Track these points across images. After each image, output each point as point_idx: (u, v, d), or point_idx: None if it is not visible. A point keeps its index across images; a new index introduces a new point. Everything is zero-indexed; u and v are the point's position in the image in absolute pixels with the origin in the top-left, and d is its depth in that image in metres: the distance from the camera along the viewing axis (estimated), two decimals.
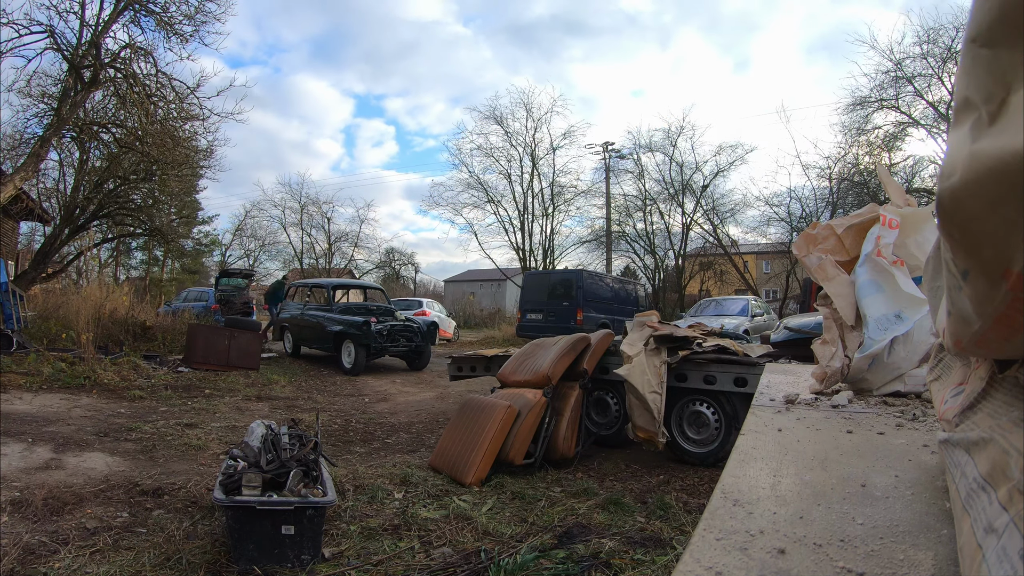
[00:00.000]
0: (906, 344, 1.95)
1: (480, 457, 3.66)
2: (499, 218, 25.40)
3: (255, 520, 2.40)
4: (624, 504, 3.30)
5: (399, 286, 35.76)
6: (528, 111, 24.75)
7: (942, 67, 17.18)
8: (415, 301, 19.11)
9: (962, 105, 0.46)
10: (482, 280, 39.03)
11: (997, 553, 0.44)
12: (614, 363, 4.52)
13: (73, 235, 15.16)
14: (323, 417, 5.87)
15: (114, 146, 13.27)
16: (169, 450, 4.29)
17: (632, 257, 26.50)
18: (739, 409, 4.14)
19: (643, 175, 24.43)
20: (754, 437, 1.36)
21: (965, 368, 0.83)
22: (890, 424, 1.50)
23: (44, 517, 2.81)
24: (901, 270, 2.05)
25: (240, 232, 32.83)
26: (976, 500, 0.53)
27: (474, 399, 4.26)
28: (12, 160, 12.51)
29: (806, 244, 2.30)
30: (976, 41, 0.43)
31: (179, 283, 28.57)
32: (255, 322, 10.41)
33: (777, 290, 26.66)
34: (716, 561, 0.70)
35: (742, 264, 24.94)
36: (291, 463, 2.70)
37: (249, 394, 7.12)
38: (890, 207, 2.19)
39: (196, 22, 11.63)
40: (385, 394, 7.86)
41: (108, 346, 9.09)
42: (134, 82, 11.30)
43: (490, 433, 3.75)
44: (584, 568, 2.40)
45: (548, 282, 14.57)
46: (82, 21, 11.02)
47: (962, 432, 0.70)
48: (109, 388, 6.65)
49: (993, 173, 0.38)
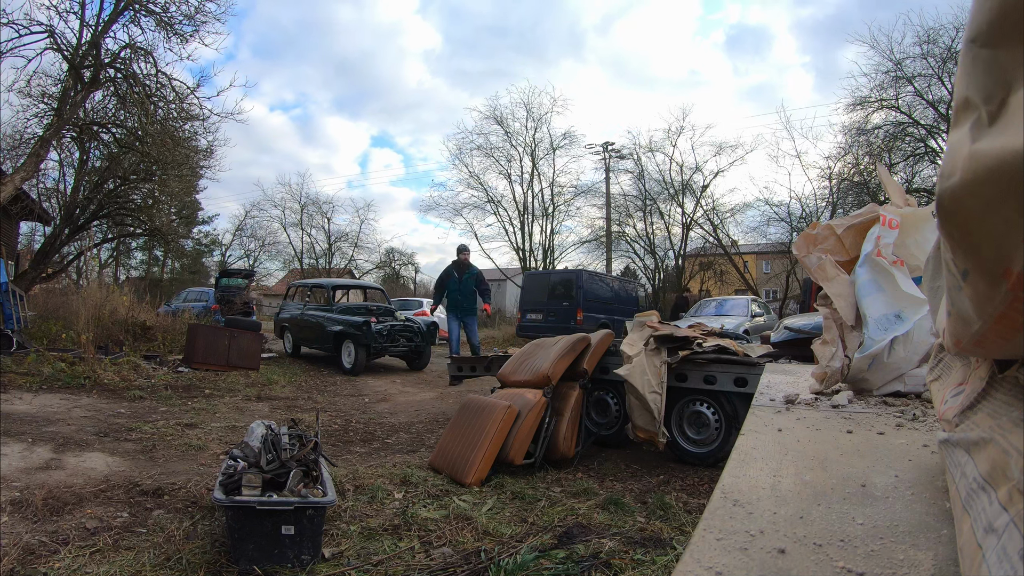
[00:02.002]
0: (906, 344, 1.95)
1: (480, 457, 3.66)
2: (499, 218, 25.43)
3: (255, 520, 2.40)
4: (624, 504, 3.30)
5: (399, 286, 35.75)
6: (528, 111, 24.79)
7: (942, 67, 17.18)
8: (415, 301, 19.11)
9: (962, 105, 0.46)
10: None
11: (997, 553, 0.44)
12: (614, 363, 4.52)
13: (73, 235, 15.17)
14: (323, 417, 5.87)
15: (114, 146, 13.27)
16: (169, 450, 4.29)
17: (632, 257, 26.53)
18: (739, 409, 4.14)
19: (643, 175, 24.46)
20: (754, 437, 1.36)
21: (965, 368, 0.83)
22: (890, 424, 1.50)
23: (44, 517, 2.81)
24: (901, 270, 2.06)
25: (240, 232, 32.92)
26: (976, 500, 0.53)
27: (474, 399, 4.26)
28: (12, 160, 12.51)
29: (806, 244, 2.30)
30: (976, 41, 0.43)
31: (179, 283, 28.57)
32: (255, 322, 10.40)
33: (777, 290, 26.63)
34: (716, 561, 0.70)
35: (742, 264, 24.93)
36: (291, 463, 2.70)
37: (249, 394, 7.12)
38: (890, 207, 2.19)
39: (196, 22, 11.63)
40: (385, 394, 7.86)
41: (108, 346, 9.08)
42: (134, 82, 11.30)
43: (490, 433, 3.75)
44: (584, 568, 2.40)
45: (548, 282, 14.58)
46: (82, 21, 11.02)
47: (962, 432, 0.70)
48: (109, 388, 6.65)
49: (993, 173, 0.38)
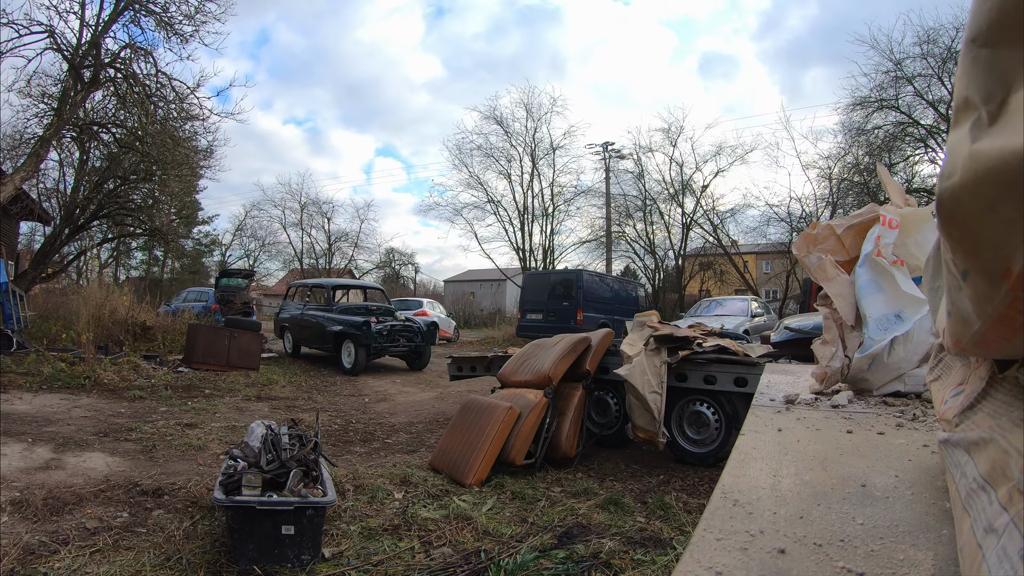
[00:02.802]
0: (906, 344, 1.95)
1: (480, 458, 3.66)
2: (499, 219, 25.42)
3: (255, 520, 2.40)
4: (624, 504, 3.30)
5: (399, 286, 35.77)
6: (528, 111, 24.76)
7: (942, 67, 17.16)
8: (415, 301, 19.12)
9: (962, 105, 0.46)
10: (482, 280, 39.02)
11: (997, 553, 0.44)
12: (614, 363, 4.52)
13: (73, 235, 15.16)
14: (323, 417, 5.87)
15: (114, 146, 13.27)
16: (169, 450, 4.29)
17: (632, 257, 26.51)
18: (739, 409, 4.14)
19: (643, 175, 24.44)
20: (754, 437, 1.36)
21: (965, 368, 0.83)
22: (890, 424, 1.50)
23: (44, 517, 2.81)
24: (901, 270, 2.05)
25: (240, 232, 32.93)
26: (976, 500, 0.53)
27: (475, 399, 4.26)
28: (12, 160, 12.52)
29: (806, 244, 2.30)
30: (976, 41, 0.43)
31: (179, 283, 28.58)
32: (255, 322, 10.40)
33: (777, 290, 26.62)
34: (716, 561, 0.70)
35: (742, 264, 24.91)
36: (291, 463, 2.70)
37: (249, 394, 7.12)
38: (890, 207, 2.19)
39: (196, 22, 11.63)
40: (385, 394, 7.86)
41: (108, 346, 9.08)
42: (134, 82, 11.30)
43: (491, 434, 3.75)
44: (584, 568, 2.40)
45: (548, 282, 14.56)
46: (82, 21, 11.02)
47: (962, 432, 0.70)
48: (109, 388, 6.65)
49: (993, 173, 0.38)
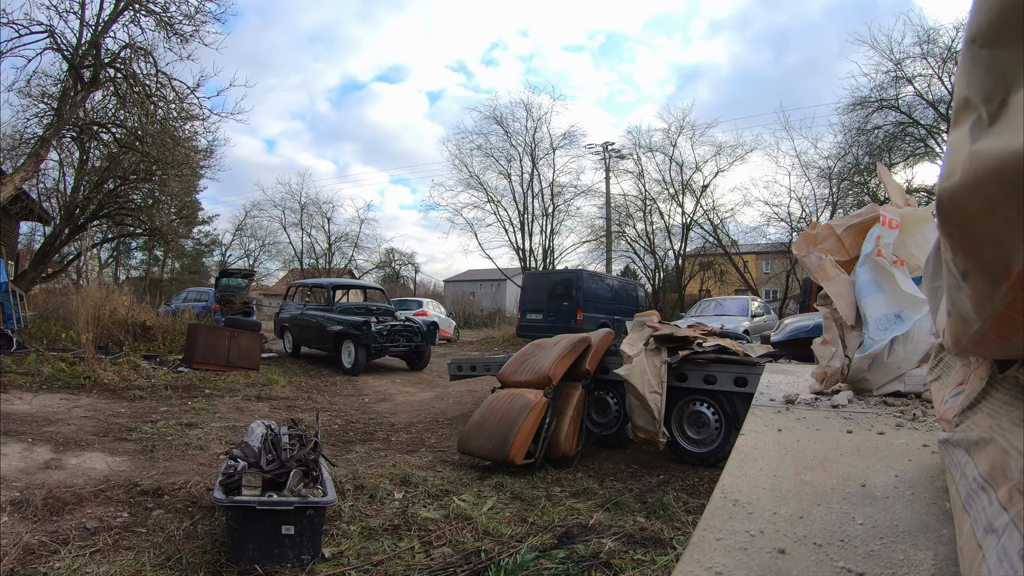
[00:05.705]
0: (906, 344, 1.95)
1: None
2: (499, 219, 25.40)
3: (255, 520, 2.40)
4: (624, 504, 3.30)
5: (399, 286, 35.75)
6: (528, 111, 24.75)
7: (942, 67, 17.17)
8: (415, 301, 19.11)
9: (962, 105, 0.46)
10: (482, 280, 39.03)
11: (997, 553, 0.44)
12: (614, 363, 4.52)
13: (73, 235, 15.16)
14: (323, 417, 5.87)
15: (114, 146, 13.27)
16: (169, 450, 4.29)
17: (632, 257, 26.49)
18: (739, 409, 4.14)
19: (643, 175, 24.43)
20: (754, 437, 1.36)
21: (965, 368, 0.83)
22: (890, 424, 1.50)
23: (44, 517, 2.81)
24: (901, 270, 2.06)
25: (240, 232, 32.91)
26: (976, 500, 0.53)
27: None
28: (12, 160, 12.51)
29: (806, 244, 2.30)
30: (976, 41, 0.43)
31: (179, 283, 28.57)
32: (255, 322, 10.40)
33: (777, 290, 26.61)
34: (716, 561, 0.70)
35: (742, 264, 24.90)
36: (291, 463, 2.70)
37: (249, 394, 7.12)
38: (890, 207, 2.19)
39: (196, 22, 11.63)
40: (385, 394, 7.86)
41: (108, 346, 9.09)
42: (134, 82, 11.29)
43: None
44: (584, 568, 2.40)
45: (548, 282, 14.56)
46: (82, 21, 11.02)
47: (962, 432, 0.70)
48: (109, 388, 6.65)
49: (993, 173, 0.38)
